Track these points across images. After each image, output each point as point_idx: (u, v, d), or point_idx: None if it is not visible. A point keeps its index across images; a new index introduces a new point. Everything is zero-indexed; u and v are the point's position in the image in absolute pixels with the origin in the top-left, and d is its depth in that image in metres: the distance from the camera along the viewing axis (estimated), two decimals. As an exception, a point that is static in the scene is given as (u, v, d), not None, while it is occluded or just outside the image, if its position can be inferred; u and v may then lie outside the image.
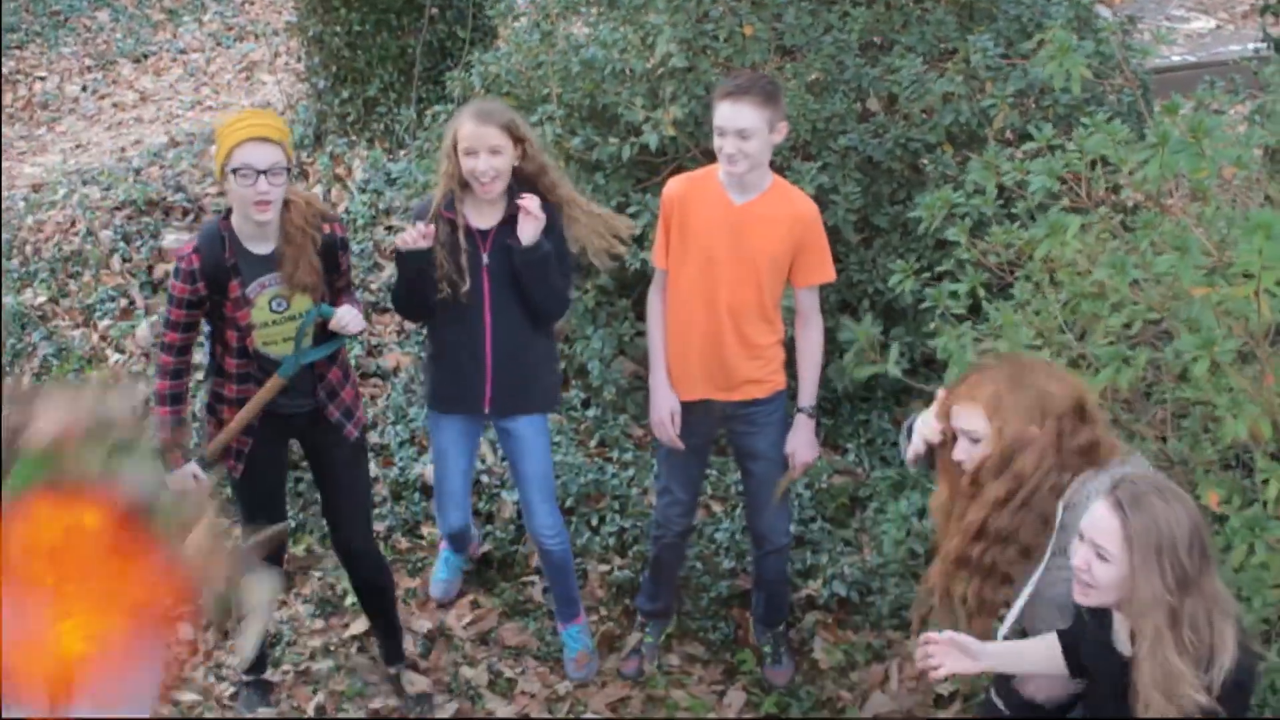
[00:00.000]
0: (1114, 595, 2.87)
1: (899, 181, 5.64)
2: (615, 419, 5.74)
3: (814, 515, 5.30)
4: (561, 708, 4.67)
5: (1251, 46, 7.09)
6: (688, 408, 4.47)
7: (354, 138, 7.80)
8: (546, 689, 4.75)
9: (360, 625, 4.98)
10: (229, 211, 4.12)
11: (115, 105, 10.54)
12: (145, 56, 11.33)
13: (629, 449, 5.60)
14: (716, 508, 5.39)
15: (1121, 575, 2.82)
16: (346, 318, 4.13)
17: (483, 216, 4.34)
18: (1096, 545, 2.84)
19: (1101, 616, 3.03)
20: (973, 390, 3.25)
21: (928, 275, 4.60)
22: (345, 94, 7.75)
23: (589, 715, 4.63)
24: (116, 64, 11.24)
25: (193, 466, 4.19)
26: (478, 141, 4.20)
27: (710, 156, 5.59)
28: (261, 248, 4.09)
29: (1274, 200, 3.74)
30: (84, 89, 10.88)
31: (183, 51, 11.30)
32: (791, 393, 4.52)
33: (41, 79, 11.08)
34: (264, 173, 3.93)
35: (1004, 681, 3.58)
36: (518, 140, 4.26)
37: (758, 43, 5.58)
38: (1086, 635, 3.12)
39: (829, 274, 4.44)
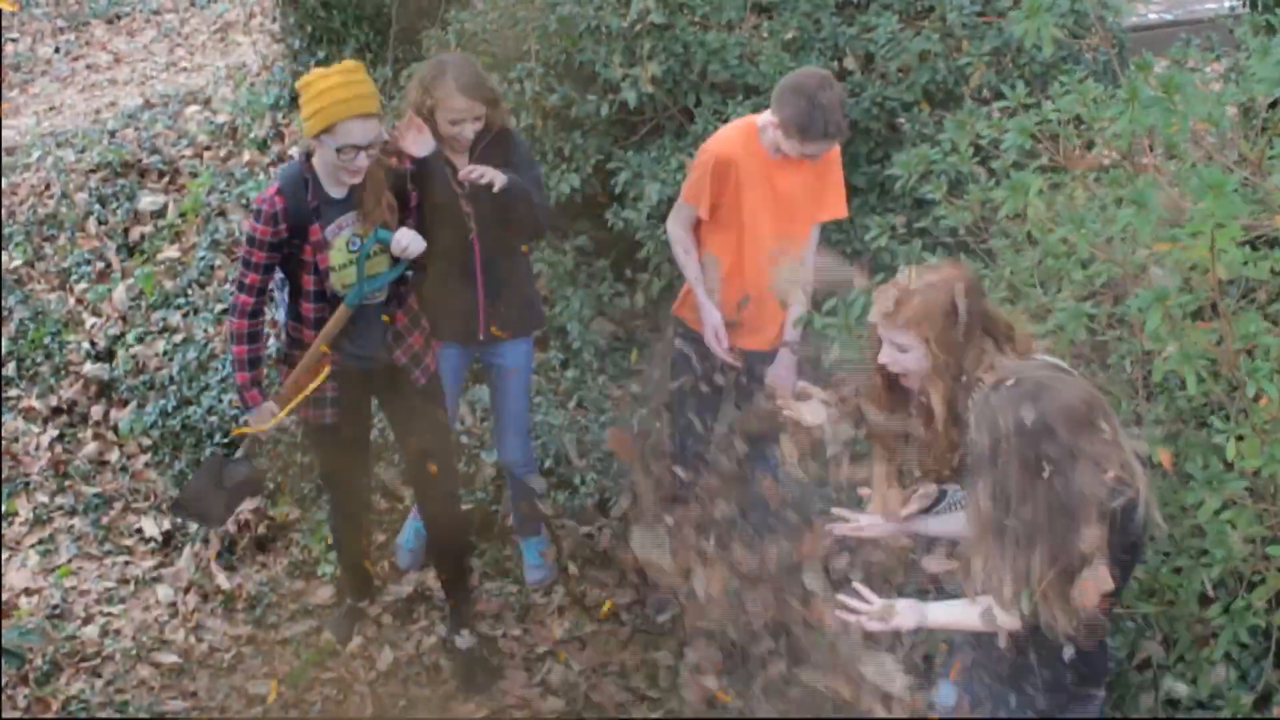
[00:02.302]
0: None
1: (876, 140, 5.63)
2: (594, 380, 5.74)
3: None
4: (541, 666, 4.70)
5: (1228, 4, 7.09)
6: (700, 342, 4.59)
7: (330, 98, 7.73)
8: (525, 648, 4.78)
9: (328, 593, 5.01)
10: (309, 154, 4.09)
11: (89, 67, 10.43)
12: (119, 17, 11.21)
13: (607, 409, 5.61)
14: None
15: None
16: (405, 239, 4.09)
17: (456, 157, 4.44)
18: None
19: None
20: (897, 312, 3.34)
21: (904, 233, 4.61)
22: (321, 54, 7.67)
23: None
24: (89, 25, 11.12)
25: (270, 405, 4.22)
26: (467, 114, 4.31)
27: (688, 115, 5.60)
28: (339, 191, 4.10)
29: (1247, 158, 3.75)
30: (57, 50, 10.76)
31: (156, 12, 11.18)
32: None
33: (14, 40, 10.96)
34: (364, 148, 3.94)
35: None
36: (494, 103, 4.41)
37: None
38: None
39: (841, 210, 4.60)
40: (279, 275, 4.21)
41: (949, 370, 3.29)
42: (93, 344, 6.32)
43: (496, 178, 4.26)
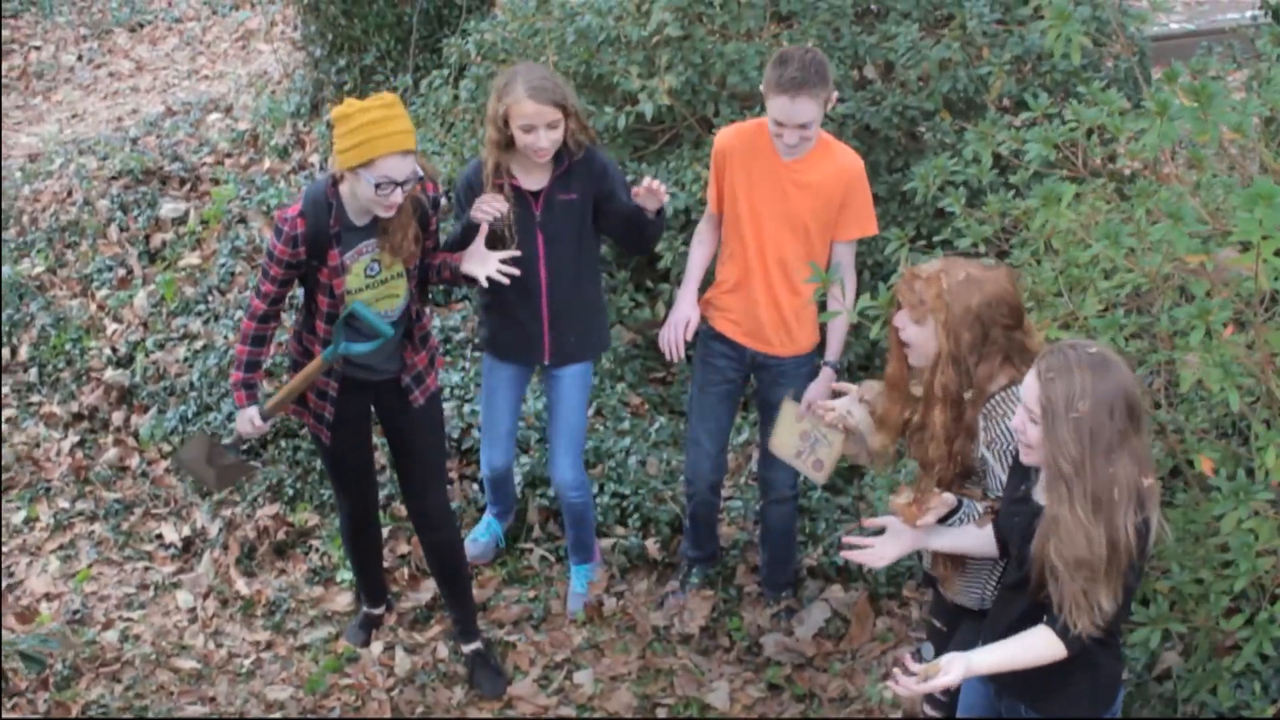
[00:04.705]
0: (1041, 454, 2.97)
1: (897, 150, 5.63)
2: (613, 388, 5.74)
3: (814, 484, 5.31)
4: (558, 675, 4.70)
5: (1249, 14, 7.06)
6: (720, 341, 4.58)
7: (351, 106, 7.75)
8: (543, 657, 4.78)
9: (346, 599, 5.02)
10: (334, 178, 4.05)
11: (111, 74, 10.50)
12: (141, 25, 11.28)
13: (626, 417, 5.61)
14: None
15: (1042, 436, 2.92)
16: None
17: (531, 178, 4.42)
18: (1028, 409, 2.94)
19: (1027, 471, 3.11)
20: (920, 295, 3.35)
21: (924, 244, 4.59)
22: (342, 62, 7.71)
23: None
24: (112, 33, 11.19)
25: (253, 411, 4.26)
26: (538, 119, 4.25)
27: (706, 125, 5.60)
28: (363, 218, 4.08)
29: (1269, 169, 3.73)
30: (80, 58, 10.83)
31: (178, 20, 11.25)
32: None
33: (37, 48, 11.03)
34: (401, 184, 3.92)
35: (938, 602, 3.71)
36: (568, 111, 4.31)
37: (753, 9, 5.57)
38: (1005, 497, 3.25)
39: (871, 228, 4.51)
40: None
41: (955, 365, 3.29)
42: (114, 350, 6.34)
43: (659, 199, 4.30)
